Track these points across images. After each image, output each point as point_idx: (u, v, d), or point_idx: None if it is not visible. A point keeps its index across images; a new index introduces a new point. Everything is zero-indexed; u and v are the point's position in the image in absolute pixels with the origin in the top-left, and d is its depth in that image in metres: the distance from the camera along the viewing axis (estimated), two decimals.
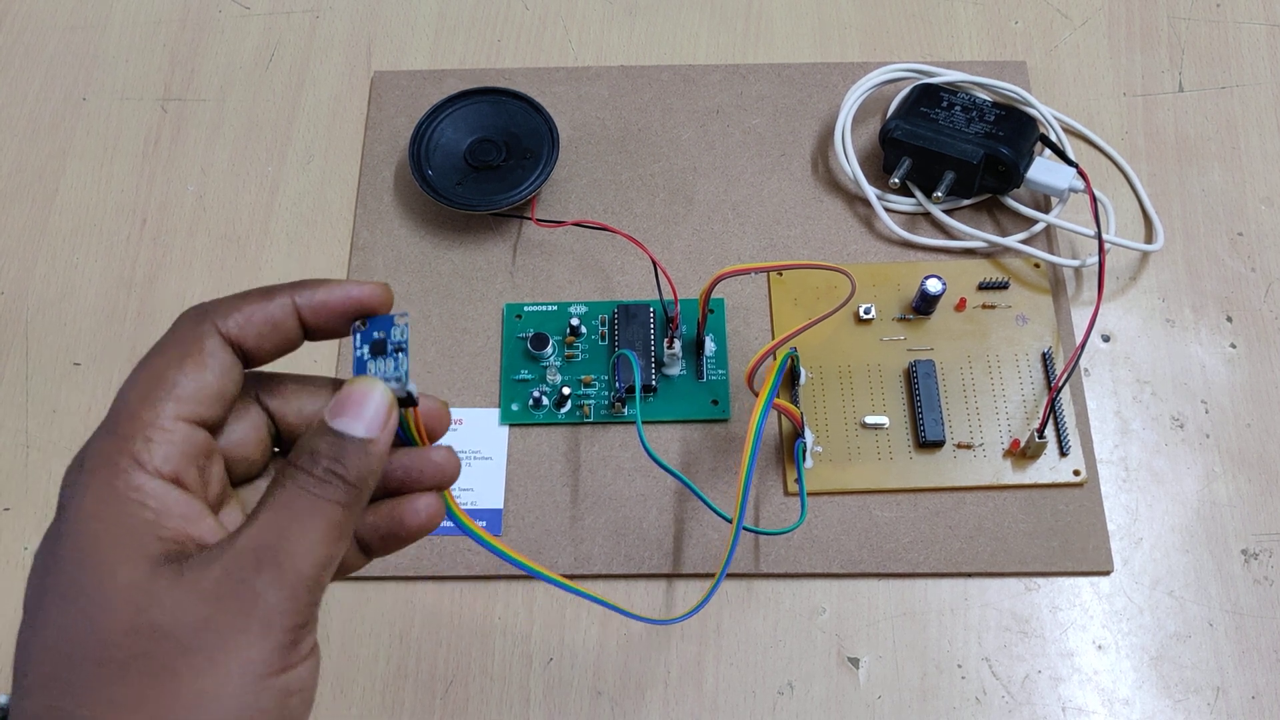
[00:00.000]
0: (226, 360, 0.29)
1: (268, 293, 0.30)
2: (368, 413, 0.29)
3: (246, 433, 0.31)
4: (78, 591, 0.26)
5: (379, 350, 0.30)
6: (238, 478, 0.31)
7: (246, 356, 0.30)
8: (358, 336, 0.30)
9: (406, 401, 0.30)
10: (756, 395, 0.46)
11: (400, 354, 0.30)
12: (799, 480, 0.51)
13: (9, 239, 0.60)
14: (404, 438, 0.31)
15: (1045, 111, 0.60)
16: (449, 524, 0.33)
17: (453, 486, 0.50)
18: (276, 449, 0.33)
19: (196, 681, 0.26)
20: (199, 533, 0.28)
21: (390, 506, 0.31)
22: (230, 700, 0.26)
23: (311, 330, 0.31)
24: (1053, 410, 0.52)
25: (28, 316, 0.58)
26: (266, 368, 0.31)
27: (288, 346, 0.31)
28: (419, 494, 0.31)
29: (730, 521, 0.50)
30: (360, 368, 0.30)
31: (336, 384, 0.33)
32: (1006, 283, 0.56)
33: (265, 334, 0.30)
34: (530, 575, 0.37)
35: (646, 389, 0.54)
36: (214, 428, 0.29)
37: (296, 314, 0.30)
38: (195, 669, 0.26)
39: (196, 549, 0.27)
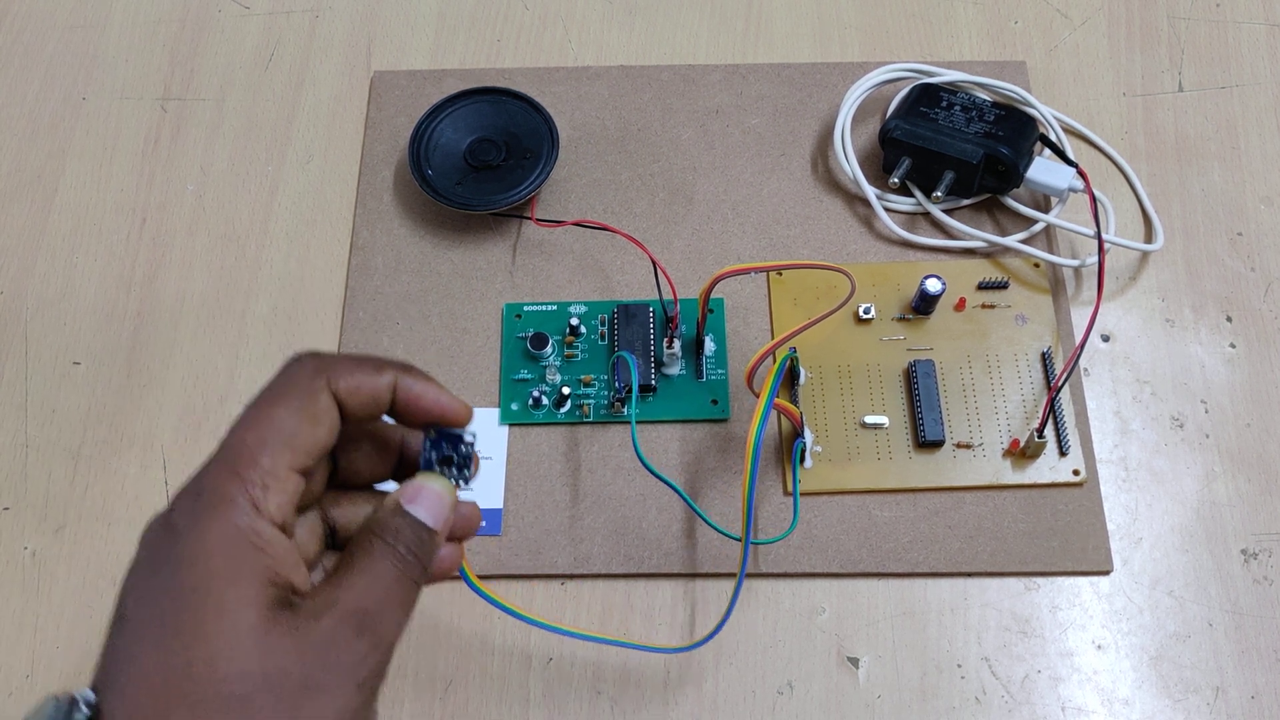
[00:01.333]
0: (336, 419, 0.31)
1: (380, 366, 0.32)
2: (436, 508, 0.32)
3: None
4: (198, 626, 0.27)
5: (446, 463, 0.33)
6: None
7: (343, 418, 0.32)
8: (428, 442, 0.33)
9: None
10: (756, 395, 0.46)
11: (467, 468, 0.33)
12: (794, 483, 0.51)
13: (9, 239, 0.60)
14: None
15: (1045, 111, 0.60)
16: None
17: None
18: None
19: None
20: (299, 582, 0.30)
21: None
22: None
23: (398, 415, 0.33)
24: (1052, 410, 0.52)
25: (27, 316, 0.58)
26: None
27: (374, 418, 0.33)
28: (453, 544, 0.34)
29: (734, 538, 0.50)
30: (428, 466, 0.33)
31: (395, 429, 0.35)
32: (1006, 282, 0.56)
33: (366, 404, 0.32)
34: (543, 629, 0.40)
35: (646, 389, 0.54)
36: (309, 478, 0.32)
37: (393, 394, 0.33)
38: (292, 713, 0.27)
39: (298, 597, 0.29)
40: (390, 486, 0.34)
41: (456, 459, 0.33)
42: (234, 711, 0.27)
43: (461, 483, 0.33)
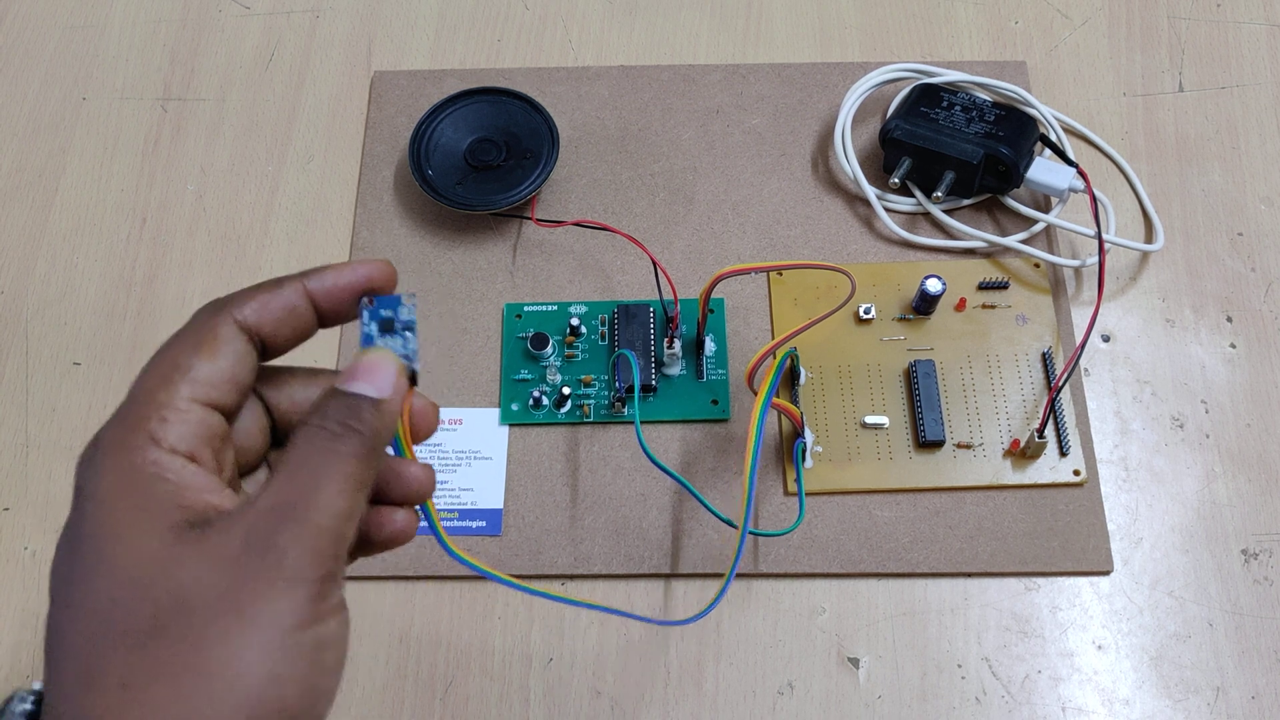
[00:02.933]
0: (240, 347, 0.30)
1: (279, 282, 0.31)
2: (379, 378, 0.29)
3: (248, 423, 0.31)
4: (101, 565, 0.26)
5: (387, 328, 0.31)
6: (240, 469, 0.32)
7: (265, 345, 0.31)
8: (365, 314, 0.31)
9: (411, 379, 0.31)
10: (756, 395, 0.47)
11: (409, 332, 0.30)
12: (798, 480, 0.51)
13: (9, 239, 0.60)
14: (392, 444, 0.31)
15: (1045, 111, 0.60)
16: (424, 523, 0.33)
17: (452, 484, 0.50)
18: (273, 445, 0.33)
19: (226, 644, 0.26)
20: (219, 502, 0.28)
21: (367, 513, 0.31)
22: (261, 658, 0.26)
23: (324, 314, 0.31)
24: (1053, 410, 0.52)
25: (28, 316, 0.58)
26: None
27: (303, 333, 0.31)
28: (395, 509, 0.31)
29: (731, 525, 0.50)
30: (369, 343, 0.31)
31: (326, 372, 0.33)
32: (1006, 283, 0.56)
33: (281, 320, 0.30)
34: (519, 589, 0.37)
35: (646, 389, 0.54)
36: (228, 414, 0.30)
37: (309, 299, 0.31)
38: (224, 632, 0.26)
39: (218, 516, 0.27)
40: None
41: (399, 322, 0.31)
42: (164, 638, 0.25)
43: (405, 345, 0.31)
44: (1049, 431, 0.51)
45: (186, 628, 0.26)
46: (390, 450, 0.31)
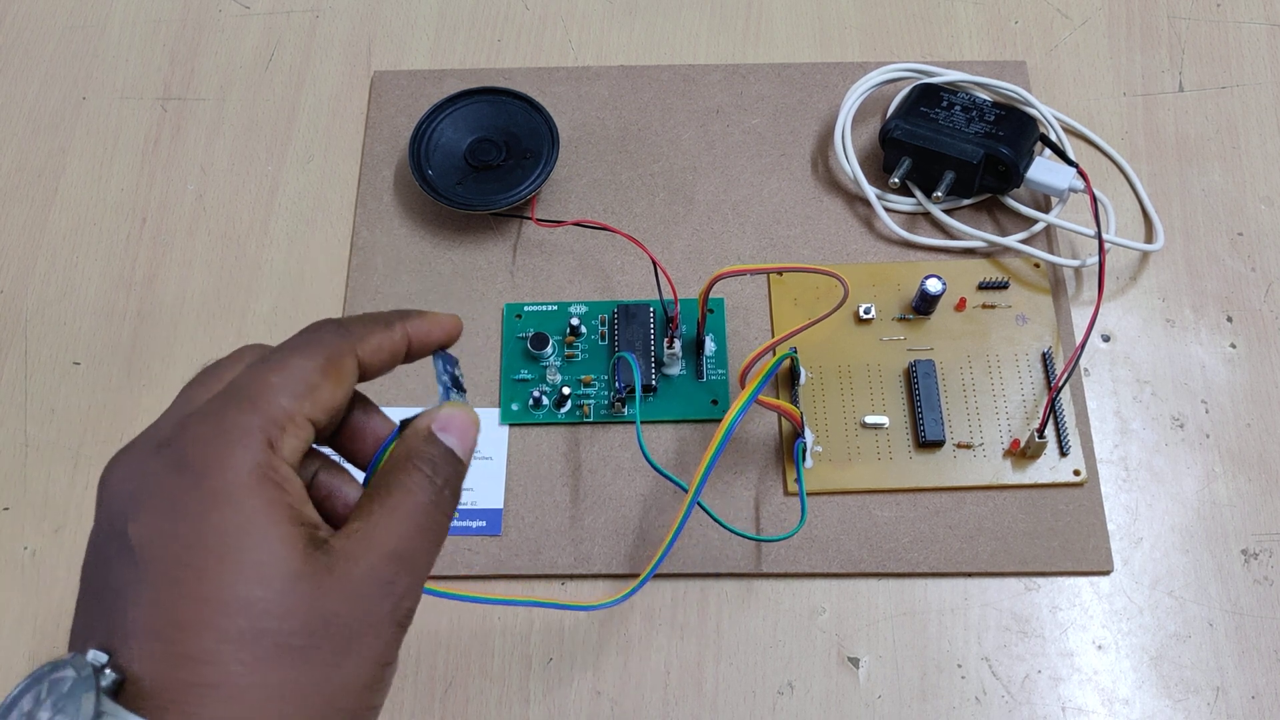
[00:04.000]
0: (354, 381, 0.31)
1: (389, 322, 0.32)
2: (468, 439, 0.31)
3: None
4: (240, 570, 0.26)
5: (457, 385, 0.33)
6: None
7: (361, 376, 0.32)
8: (439, 364, 0.33)
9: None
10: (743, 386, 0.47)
11: (461, 391, 0.33)
12: (799, 481, 0.51)
13: (9, 238, 0.60)
14: (375, 461, 0.33)
15: (1045, 111, 0.60)
16: None
17: None
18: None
19: (340, 670, 0.27)
20: (317, 521, 0.29)
21: None
22: (359, 688, 0.27)
23: (409, 357, 0.33)
24: (1053, 410, 0.52)
25: (27, 316, 0.58)
26: None
27: (389, 367, 0.33)
28: None
29: (732, 530, 0.50)
30: (446, 395, 0.33)
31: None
32: (1006, 283, 0.56)
33: (383, 362, 0.32)
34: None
35: (646, 389, 0.54)
36: (319, 433, 0.31)
37: (407, 342, 0.32)
38: (339, 659, 0.27)
39: (327, 536, 0.28)
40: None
41: (460, 378, 0.33)
42: (288, 657, 0.26)
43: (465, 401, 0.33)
44: (1049, 431, 0.51)
45: (330, 652, 0.27)
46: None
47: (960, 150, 0.56)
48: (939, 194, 0.57)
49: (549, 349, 0.55)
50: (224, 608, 0.26)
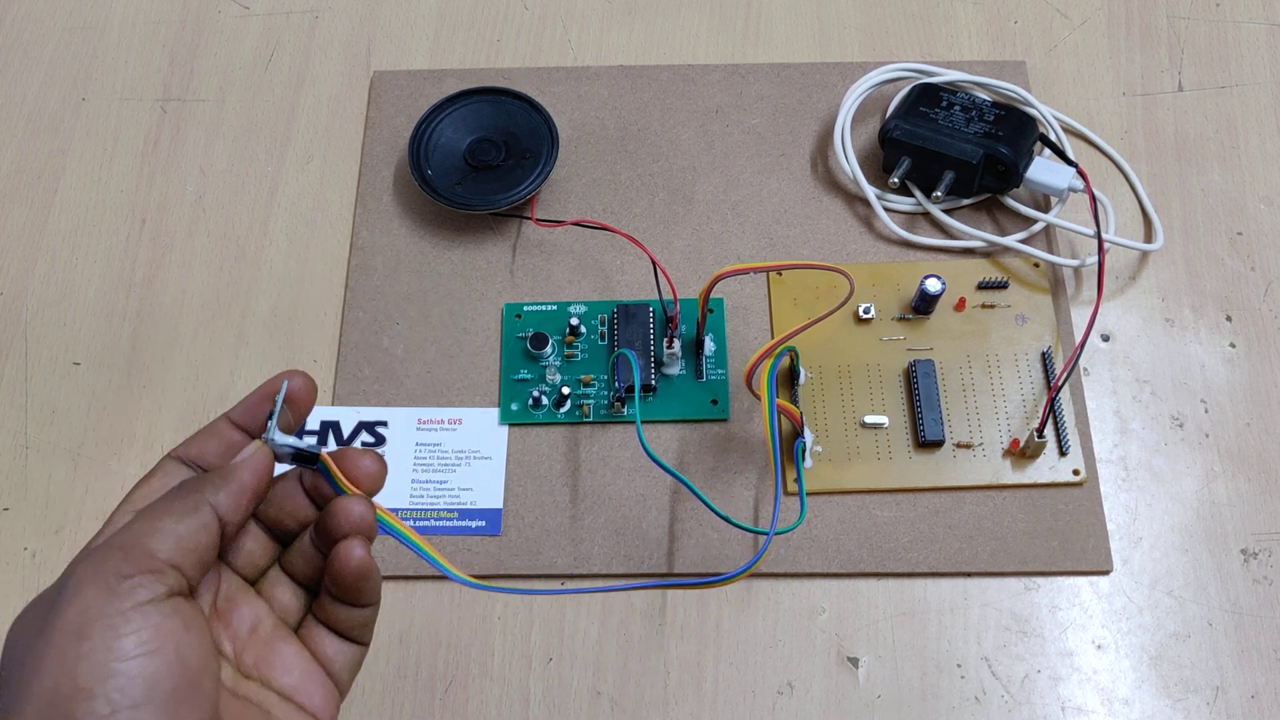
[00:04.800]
0: (172, 469, 0.35)
1: (208, 425, 0.37)
2: (239, 453, 0.35)
3: (251, 547, 0.36)
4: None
5: (285, 428, 0.36)
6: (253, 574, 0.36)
7: (204, 468, 0.36)
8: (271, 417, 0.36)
9: (303, 457, 0.35)
10: (755, 395, 0.47)
11: (272, 412, 0.35)
12: (798, 480, 0.51)
13: (9, 239, 0.60)
14: (335, 489, 0.35)
15: (1045, 111, 0.60)
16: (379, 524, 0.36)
17: (451, 484, 0.51)
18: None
19: (36, 668, 0.29)
20: None
21: (330, 559, 0.35)
22: (64, 670, 0.29)
23: (254, 432, 0.36)
24: (1052, 410, 0.52)
25: (27, 316, 0.58)
26: None
27: (237, 450, 0.36)
28: (344, 541, 0.34)
29: (730, 521, 0.50)
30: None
31: (289, 472, 0.37)
32: (1006, 282, 0.56)
33: (208, 443, 0.36)
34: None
35: (646, 389, 0.54)
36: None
37: (230, 423, 0.36)
38: (36, 660, 0.29)
39: None
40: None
41: (273, 411, 0.36)
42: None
43: (269, 431, 0.35)
44: (1048, 431, 0.51)
45: (19, 669, 0.30)
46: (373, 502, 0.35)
47: (960, 150, 0.56)
48: (938, 194, 0.57)
49: (549, 349, 0.55)
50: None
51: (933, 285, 0.54)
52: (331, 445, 0.53)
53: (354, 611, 0.36)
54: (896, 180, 0.57)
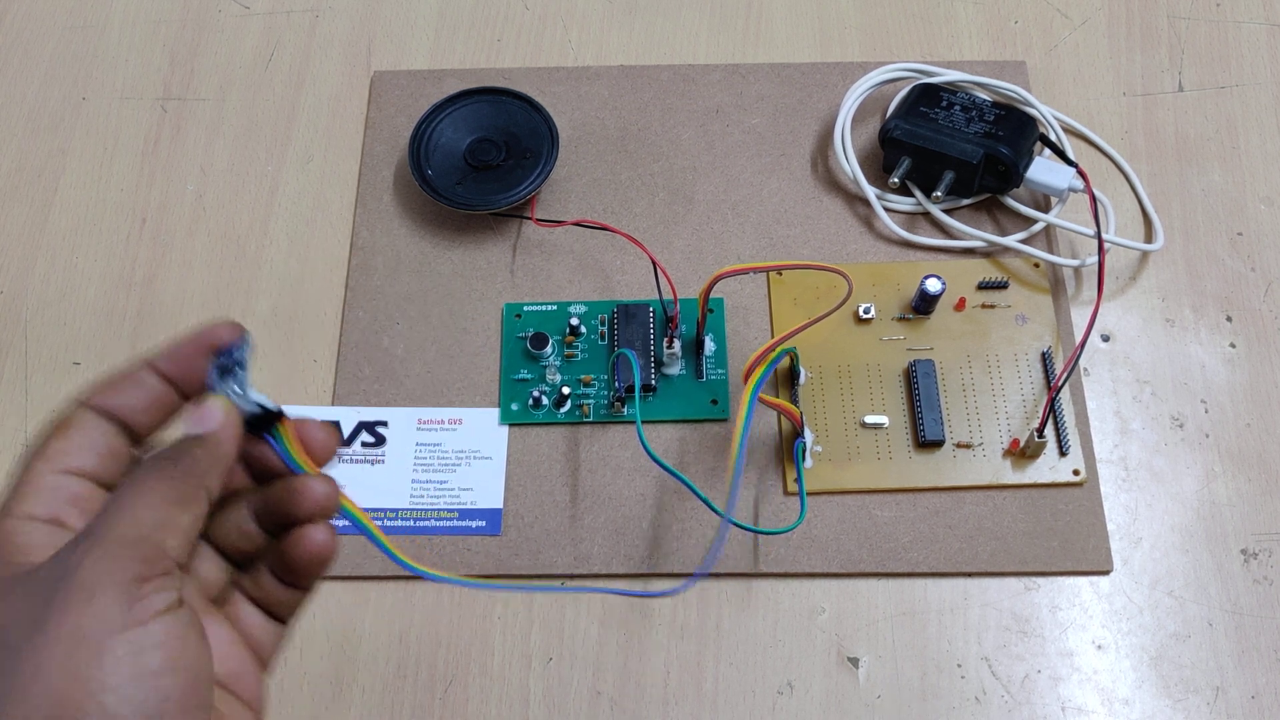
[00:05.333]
0: (88, 419, 0.31)
1: (126, 368, 0.33)
2: (206, 418, 0.31)
3: (204, 560, 0.33)
4: None
5: (226, 372, 0.32)
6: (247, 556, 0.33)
7: (125, 421, 0.32)
8: (210, 366, 0.33)
9: (266, 418, 0.32)
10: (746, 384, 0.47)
11: (240, 369, 0.32)
12: (798, 479, 0.51)
13: (9, 239, 0.60)
14: (289, 463, 0.32)
15: (1045, 111, 0.60)
16: (345, 522, 0.34)
17: (451, 484, 0.51)
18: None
19: (35, 663, 0.26)
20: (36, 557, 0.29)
21: (286, 541, 0.32)
22: (70, 670, 0.26)
23: (179, 382, 0.33)
24: (1052, 410, 0.52)
25: (27, 316, 0.58)
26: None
27: (161, 403, 0.32)
28: (308, 525, 0.32)
29: (731, 522, 0.50)
30: (210, 390, 0.32)
31: (235, 495, 0.34)
32: (1006, 282, 0.56)
33: (128, 391, 0.32)
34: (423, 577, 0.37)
35: (646, 388, 0.54)
36: (105, 483, 0.31)
37: (154, 370, 0.32)
38: (34, 652, 0.26)
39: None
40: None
41: (233, 363, 0.32)
42: None
43: (239, 385, 0.32)
44: (1049, 431, 0.51)
45: (4, 659, 0.27)
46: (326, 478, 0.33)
47: (960, 150, 0.56)
48: (939, 194, 0.57)
49: (549, 349, 0.55)
50: None
51: (933, 285, 0.54)
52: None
53: (294, 592, 0.33)
54: (896, 180, 0.57)
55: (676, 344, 0.54)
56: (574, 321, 0.55)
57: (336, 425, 0.33)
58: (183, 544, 0.29)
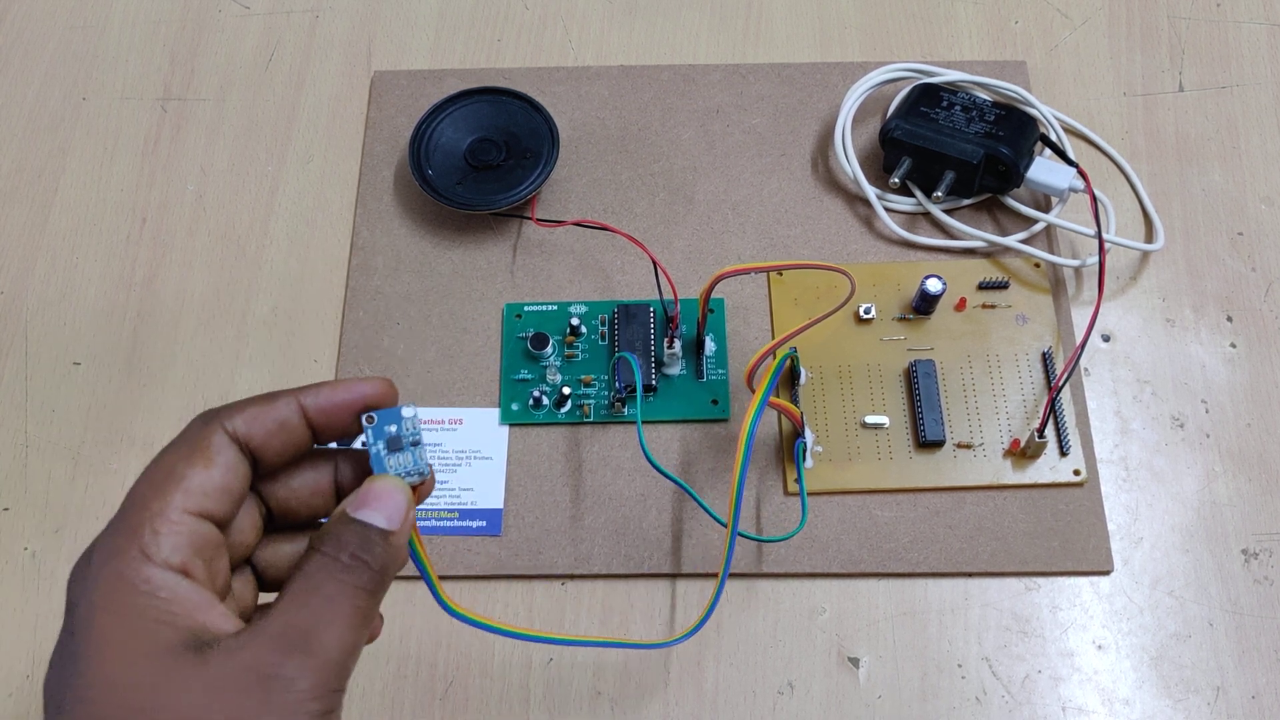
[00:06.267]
0: (232, 457, 0.30)
1: (273, 396, 0.31)
2: (390, 507, 0.30)
3: (241, 520, 0.31)
4: (94, 689, 0.26)
5: (395, 446, 0.30)
6: (232, 564, 0.32)
7: (255, 457, 0.30)
8: (369, 432, 0.31)
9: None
10: (753, 391, 0.46)
11: (416, 448, 0.30)
12: (799, 480, 0.51)
13: (9, 239, 0.60)
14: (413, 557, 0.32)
15: (1045, 111, 0.60)
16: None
17: (452, 484, 0.51)
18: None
19: None
20: (213, 621, 0.28)
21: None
22: None
23: (320, 431, 0.31)
24: (1053, 410, 0.52)
25: (27, 316, 0.58)
26: None
27: (297, 447, 0.31)
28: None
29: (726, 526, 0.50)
30: (378, 462, 0.31)
31: (325, 455, 0.33)
32: (1006, 282, 0.56)
33: (273, 434, 0.30)
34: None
35: (646, 389, 0.54)
36: (221, 523, 0.30)
37: (303, 415, 0.31)
38: None
39: (217, 637, 0.27)
40: None
41: (406, 439, 0.30)
42: None
43: (415, 462, 0.30)
44: (1049, 431, 0.51)
45: None
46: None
47: (960, 150, 0.56)
48: (939, 194, 0.57)
49: (549, 349, 0.55)
50: None
51: (933, 285, 0.54)
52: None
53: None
54: (897, 180, 0.57)
55: (677, 344, 0.54)
56: (574, 322, 0.55)
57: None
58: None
